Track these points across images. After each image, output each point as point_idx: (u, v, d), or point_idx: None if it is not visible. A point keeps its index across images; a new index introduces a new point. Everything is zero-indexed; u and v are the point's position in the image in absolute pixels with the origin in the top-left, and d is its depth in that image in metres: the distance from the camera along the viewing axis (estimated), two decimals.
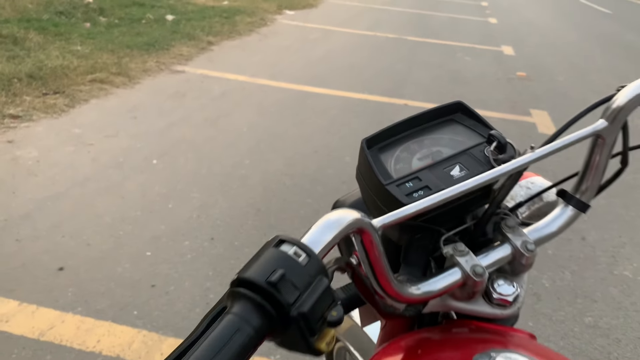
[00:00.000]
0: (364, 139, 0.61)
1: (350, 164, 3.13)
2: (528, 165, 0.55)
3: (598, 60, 7.16)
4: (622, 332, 1.98)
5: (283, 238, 0.39)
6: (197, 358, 0.34)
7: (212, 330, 0.36)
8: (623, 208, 2.91)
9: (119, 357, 1.67)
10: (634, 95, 0.58)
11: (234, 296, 0.37)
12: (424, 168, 0.58)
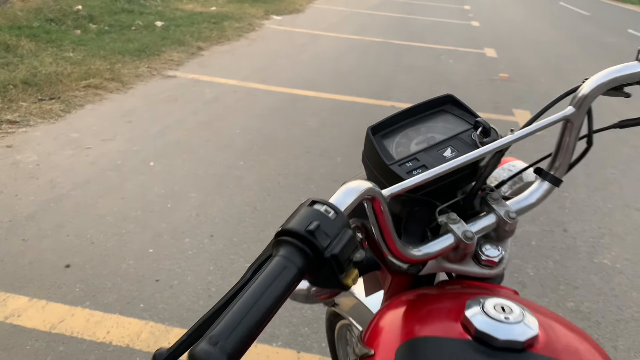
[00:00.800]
0: (369, 127, 0.71)
1: (341, 164, 3.25)
2: (509, 144, 0.66)
3: (578, 61, 7.37)
4: (602, 315, 2.11)
5: (315, 199, 0.50)
6: (254, 290, 0.43)
7: (262, 271, 0.46)
8: (602, 201, 3.06)
9: (129, 346, 1.76)
10: (596, 86, 0.70)
11: (280, 243, 0.47)
12: (420, 151, 0.69)
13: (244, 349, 0.40)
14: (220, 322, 0.41)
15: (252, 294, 0.42)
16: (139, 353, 1.73)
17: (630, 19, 14.52)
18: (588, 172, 3.44)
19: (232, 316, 0.41)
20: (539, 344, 0.54)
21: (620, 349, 1.93)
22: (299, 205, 0.51)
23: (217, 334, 0.39)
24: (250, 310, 0.41)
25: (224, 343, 0.39)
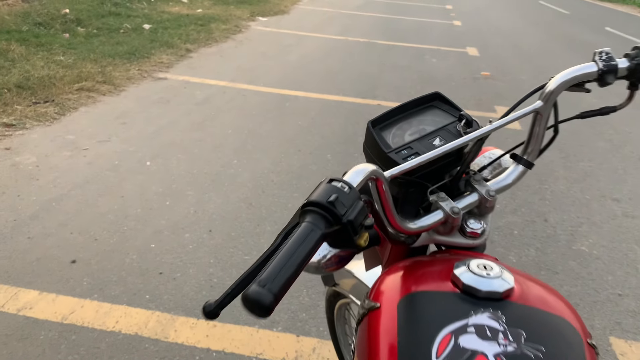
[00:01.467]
0: (369, 121, 0.83)
1: (332, 161, 3.37)
2: (488, 133, 0.79)
3: (558, 59, 7.57)
4: (580, 297, 2.26)
5: (333, 178, 0.62)
6: (289, 248, 0.55)
7: (293, 234, 0.57)
8: (580, 192, 3.22)
9: (137, 334, 1.86)
10: (560, 82, 0.82)
11: (306, 212, 0.59)
12: (413, 140, 0.81)
13: (284, 291, 0.52)
14: (264, 272, 0.52)
15: (288, 250, 0.54)
16: (147, 340, 1.83)
17: (607, 16, 14.85)
18: (567, 165, 3.60)
19: (273, 267, 0.53)
20: (514, 294, 0.67)
21: (596, 327, 2.07)
22: (319, 183, 0.62)
23: (264, 279, 0.51)
24: (287, 263, 0.53)
25: (270, 285, 0.51)
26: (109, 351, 1.77)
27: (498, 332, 0.61)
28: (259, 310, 0.50)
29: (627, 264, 2.51)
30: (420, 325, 0.63)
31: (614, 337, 2.03)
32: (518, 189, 3.15)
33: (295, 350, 1.84)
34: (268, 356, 1.81)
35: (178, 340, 1.84)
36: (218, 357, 1.79)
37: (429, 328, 0.62)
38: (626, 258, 2.56)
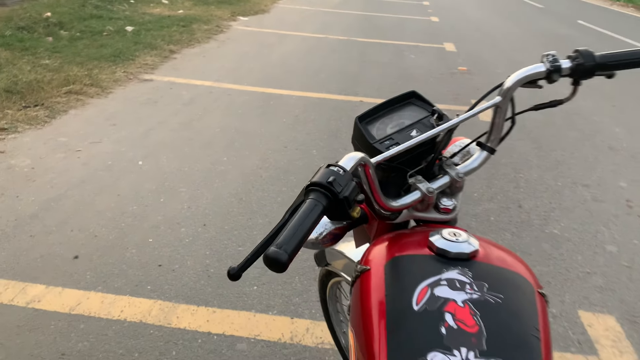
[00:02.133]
0: (356, 116, 0.98)
1: (317, 156, 3.51)
2: (456, 125, 0.94)
3: (532, 52, 7.79)
4: (552, 276, 2.44)
5: (330, 163, 0.76)
6: (298, 218, 0.69)
7: (300, 209, 0.71)
8: (552, 179, 3.41)
9: (142, 322, 1.99)
10: (515, 80, 0.97)
11: (310, 191, 0.73)
12: (394, 132, 0.96)
13: (295, 252, 0.66)
14: (280, 237, 0.66)
15: (297, 221, 0.68)
16: (151, 327, 1.96)
17: (580, 9, 15.20)
18: (540, 154, 3.80)
19: (287, 233, 0.67)
20: (479, 255, 0.82)
21: (566, 302, 2.25)
22: (319, 168, 0.76)
23: (281, 243, 0.65)
24: (297, 230, 0.67)
25: (286, 247, 0.65)
26: (117, 337, 1.90)
27: (465, 284, 0.76)
28: (278, 266, 0.64)
29: (595, 245, 2.70)
30: (402, 281, 0.78)
31: (582, 310, 2.21)
32: (494, 178, 3.33)
33: (290, 331, 1.98)
34: (265, 337, 1.95)
35: (180, 325, 1.98)
36: (219, 339, 1.92)
37: (409, 283, 0.77)
38: (594, 239, 2.75)
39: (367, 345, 0.73)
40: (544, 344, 0.73)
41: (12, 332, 1.88)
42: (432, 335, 0.69)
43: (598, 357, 1.95)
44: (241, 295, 2.15)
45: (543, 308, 0.78)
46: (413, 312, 0.72)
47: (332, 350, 1.89)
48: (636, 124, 4.71)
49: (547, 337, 0.75)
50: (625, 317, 2.18)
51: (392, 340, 0.70)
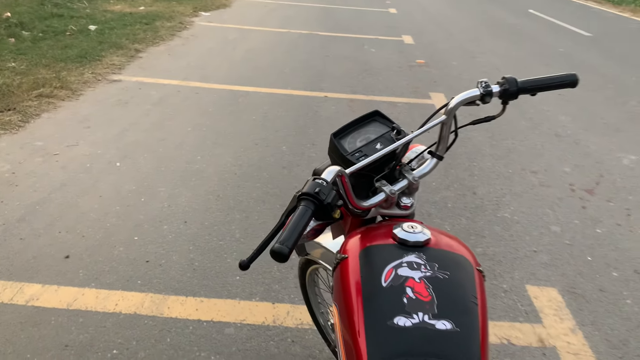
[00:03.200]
0: (332, 133, 1.19)
1: (287, 152, 3.72)
2: (411, 139, 1.17)
3: (485, 43, 8.16)
4: (503, 255, 2.73)
5: (315, 177, 0.98)
6: (294, 221, 0.90)
7: (294, 213, 0.93)
8: (504, 167, 3.71)
9: (136, 313, 2.17)
10: (457, 102, 1.21)
11: (302, 199, 0.94)
12: (363, 146, 1.18)
13: (294, 247, 0.87)
14: (282, 235, 0.88)
15: (293, 222, 0.90)
16: (145, 317, 2.15)
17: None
18: (493, 143, 4.11)
19: (287, 232, 0.88)
20: (431, 242, 1.05)
21: (515, 278, 2.54)
22: (307, 180, 0.98)
23: (282, 240, 0.87)
24: (293, 231, 0.89)
25: (287, 243, 0.86)
26: (114, 328, 2.08)
27: (421, 265, 0.99)
28: (281, 257, 0.85)
29: (541, 226, 3.01)
30: (373, 265, 1.01)
31: (529, 285, 2.50)
32: (451, 168, 3.61)
33: (272, 315, 2.21)
34: (250, 321, 2.16)
35: (172, 315, 2.17)
36: (208, 325, 2.13)
37: (379, 266, 1.00)
38: (541, 221, 3.06)
39: (348, 315, 0.96)
40: (481, 309, 0.97)
41: (16, 329, 2.04)
42: (396, 304, 0.92)
43: (542, 324, 2.25)
44: (225, 285, 2.36)
45: (481, 282, 1.02)
46: (382, 287, 0.95)
47: (311, 330, 2.12)
48: (579, 112, 5.09)
49: (484, 304, 0.99)
50: (566, 289, 2.49)
51: (367, 309, 0.93)
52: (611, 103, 5.46)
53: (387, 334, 0.88)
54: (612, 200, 3.36)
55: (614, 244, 2.87)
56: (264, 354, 2.00)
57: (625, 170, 3.82)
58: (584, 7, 14.37)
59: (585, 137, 4.40)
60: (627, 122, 4.88)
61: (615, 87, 6.07)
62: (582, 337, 2.19)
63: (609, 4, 14.64)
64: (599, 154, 4.08)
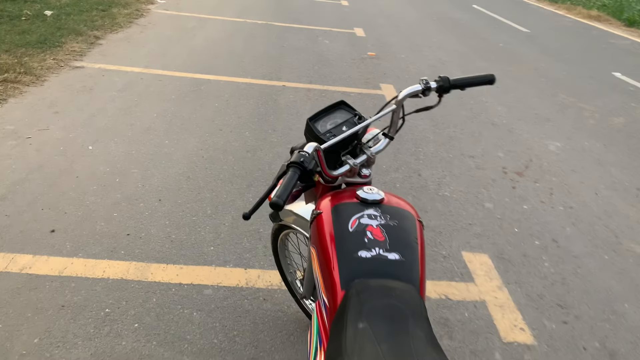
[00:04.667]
0: (307, 118, 1.52)
1: (250, 137, 4.01)
2: (369, 123, 1.51)
3: (432, 37, 8.64)
4: (443, 227, 3.13)
5: (299, 150, 1.30)
6: (286, 181, 1.22)
7: (285, 176, 1.25)
8: (445, 152, 4.14)
9: (123, 278, 2.43)
10: (404, 95, 1.56)
11: (290, 166, 1.26)
12: (332, 128, 1.52)
13: (286, 200, 1.20)
14: (277, 191, 1.20)
15: (285, 182, 1.22)
16: (132, 282, 2.42)
17: None
18: (436, 131, 4.53)
19: (281, 189, 1.20)
20: (384, 201, 1.40)
21: (453, 246, 2.95)
22: (294, 152, 1.30)
23: (279, 194, 1.19)
24: (286, 188, 1.22)
25: (281, 196, 1.19)
26: (104, 291, 2.34)
27: (377, 216, 1.34)
28: (278, 207, 1.17)
29: (476, 203, 3.44)
30: (342, 217, 1.35)
31: (465, 251, 2.92)
32: (399, 153, 4.01)
33: (245, 278, 2.52)
34: (226, 284, 2.47)
35: (155, 279, 2.45)
36: (188, 288, 2.42)
37: (346, 217, 1.34)
38: (476, 199, 3.50)
39: (324, 253, 1.29)
40: (420, 247, 1.32)
41: (14, 293, 2.27)
42: (360, 243, 1.26)
43: (474, 283, 2.66)
44: (201, 254, 2.65)
45: (420, 229, 1.38)
46: (349, 232, 1.29)
47: (280, 290, 2.45)
48: (514, 102, 5.60)
49: (422, 244, 1.34)
50: (495, 255, 2.92)
51: (338, 247, 1.27)
52: (543, 95, 6.01)
53: (353, 263, 1.22)
54: (538, 181, 3.84)
55: (537, 218, 3.34)
56: (239, 310, 2.32)
57: (551, 155, 4.33)
58: (523, 3, 15.17)
59: (518, 126, 4.90)
60: (555, 112, 5.43)
61: (547, 81, 6.66)
62: (507, 293, 2.62)
63: (546, 2, 15.52)
64: (530, 141, 4.58)
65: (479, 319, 2.41)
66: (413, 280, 1.21)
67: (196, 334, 2.16)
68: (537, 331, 2.38)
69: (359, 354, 0.96)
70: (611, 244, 3.14)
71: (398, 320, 1.05)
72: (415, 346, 0.99)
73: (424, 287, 1.25)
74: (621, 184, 3.94)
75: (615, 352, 2.32)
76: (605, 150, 4.57)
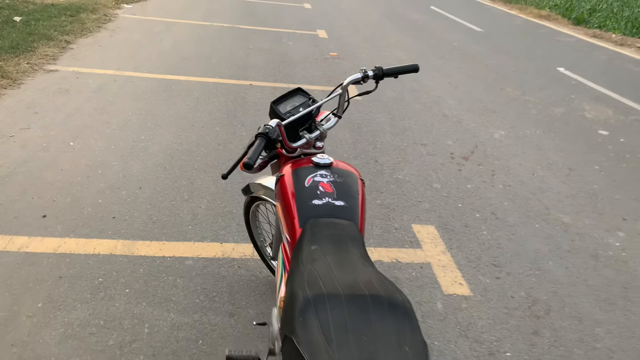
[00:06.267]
0: (271, 101, 1.88)
1: (220, 132, 4.34)
2: (321, 104, 1.88)
3: (390, 37, 9.09)
4: (396, 205, 3.53)
5: (265, 124, 1.66)
6: (254, 147, 1.58)
7: (255, 142, 1.60)
8: (400, 141, 4.55)
9: (112, 254, 2.74)
10: (348, 82, 1.94)
11: (259, 135, 1.62)
12: (292, 109, 1.88)
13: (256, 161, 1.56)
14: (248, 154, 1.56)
15: (255, 148, 1.58)
16: (120, 256, 2.73)
17: None
18: (392, 123, 4.94)
19: (250, 153, 1.56)
20: (333, 164, 1.77)
21: (404, 220, 3.35)
22: (260, 126, 1.66)
23: (249, 157, 1.55)
24: (255, 152, 1.58)
25: (252, 158, 1.54)
26: (96, 264, 2.65)
27: (327, 175, 1.71)
28: (249, 167, 1.53)
29: (426, 184, 3.86)
30: (300, 176, 1.71)
31: (414, 224, 3.32)
32: (359, 143, 4.40)
33: (221, 251, 2.86)
34: (204, 256, 2.80)
35: (141, 253, 2.77)
36: (171, 260, 2.75)
37: (303, 177, 1.70)
38: (426, 180, 3.91)
39: (286, 204, 1.65)
40: (361, 198, 1.69)
41: (15, 268, 2.56)
42: (313, 194, 1.63)
43: (422, 249, 3.06)
44: (181, 232, 2.98)
45: (362, 185, 1.75)
46: (305, 187, 1.66)
47: (252, 259, 2.80)
48: (464, 96, 6.07)
49: (363, 196, 1.71)
50: (441, 226, 3.33)
51: (297, 198, 1.63)
52: (491, 89, 6.51)
53: (308, 208, 1.59)
54: (482, 164, 4.29)
55: (479, 195, 3.77)
56: (217, 276, 2.66)
57: (495, 142, 4.79)
58: (479, 4, 15.84)
59: (467, 117, 5.36)
60: (501, 105, 5.92)
61: (497, 76, 7.17)
62: (449, 256, 3.03)
63: (500, 2, 16.24)
64: (476, 130, 5.03)
65: (424, 277, 2.81)
66: (354, 219, 1.59)
67: (180, 295, 2.50)
68: (474, 285, 2.79)
69: (311, 264, 1.33)
70: (542, 215, 3.59)
71: (340, 243, 1.43)
72: (352, 258, 1.36)
73: (363, 225, 1.63)
74: (555, 165, 4.43)
75: (538, 299, 2.75)
76: (544, 137, 5.06)
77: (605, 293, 2.86)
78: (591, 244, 3.31)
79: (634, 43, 10.67)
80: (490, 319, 2.56)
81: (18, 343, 2.13)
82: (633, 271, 3.08)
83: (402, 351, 1.04)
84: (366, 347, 1.04)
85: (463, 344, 2.38)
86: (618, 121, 5.82)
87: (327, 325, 1.08)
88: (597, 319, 2.66)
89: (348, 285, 1.20)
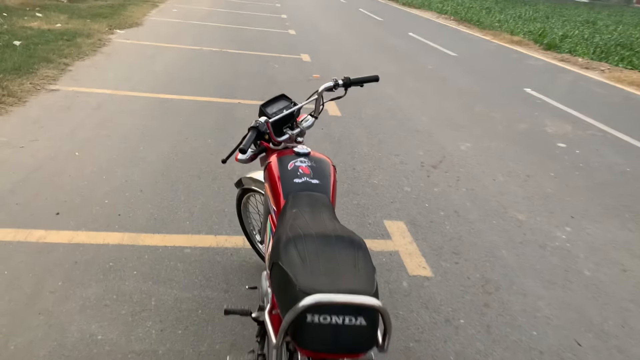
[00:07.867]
0: (260, 104, 2.33)
1: (212, 144, 4.77)
2: (301, 106, 2.32)
3: (370, 61, 9.66)
4: (371, 204, 3.96)
5: (257, 120, 2.09)
6: (248, 137, 2.01)
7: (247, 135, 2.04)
8: (376, 152, 5.02)
9: (119, 244, 3.13)
10: (322, 88, 2.40)
11: (251, 128, 2.05)
12: (277, 110, 2.33)
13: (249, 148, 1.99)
14: (243, 143, 2.00)
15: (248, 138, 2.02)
16: (127, 246, 3.12)
17: (412, 23, 17.85)
18: (369, 137, 5.41)
19: (245, 142, 2.00)
20: (311, 154, 2.21)
21: (377, 217, 3.78)
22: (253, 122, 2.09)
23: (243, 145, 1.98)
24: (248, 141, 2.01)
25: (245, 145, 1.98)
26: (107, 252, 3.04)
27: (306, 161, 2.14)
28: (244, 153, 1.96)
29: (398, 188, 4.31)
30: (284, 163, 2.14)
31: (386, 220, 3.75)
32: (339, 153, 4.85)
33: (216, 241, 3.26)
34: (201, 245, 3.20)
35: (145, 243, 3.16)
36: (172, 248, 3.14)
37: (286, 163, 2.13)
38: (398, 185, 4.36)
39: (273, 183, 2.08)
40: (332, 178, 2.12)
41: (35, 254, 2.94)
42: (295, 174, 2.05)
43: (392, 240, 3.49)
44: (180, 227, 3.38)
45: (334, 170, 2.18)
46: (288, 169, 2.09)
47: (244, 248, 3.20)
48: (437, 114, 6.58)
49: (334, 177, 2.14)
50: (409, 222, 3.77)
51: (282, 178, 2.06)
52: (462, 108, 7.04)
53: (291, 185, 2.02)
54: (448, 171, 4.76)
55: (444, 197, 4.23)
56: (212, 262, 3.06)
57: (462, 153, 5.28)
58: (455, 30, 16.62)
59: (438, 132, 5.85)
60: (470, 121, 6.44)
61: (468, 96, 7.72)
62: (416, 246, 3.46)
63: (475, 29, 17.04)
64: (445, 143, 5.52)
65: (392, 262, 3.24)
66: (326, 192, 2.02)
67: (181, 276, 2.89)
68: (435, 269, 3.23)
69: (293, 220, 1.75)
70: (499, 213, 4.06)
71: (315, 207, 1.86)
72: (323, 216, 1.79)
73: (334, 199, 2.07)
74: (515, 172, 4.92)
75: (490, 279, 3.19)
76: (507, 149, 5.57)
77: (549, 275, 3.31)
78: (540, 237, 3.78)
79: (599, 66, 11.38)
80: (448, 295, 2.99)
81: (44, 312, 2.51)
82: (575, 257, 3.54)
83: (356, 269, 1.47)
84: (331, 265, 1.46)
85: (424, 314, 2.80)
86: (576, 135, 6.36)
87: (303, 252, 1.50)
88: (539, 294, 3.10)
89: (319, 230, 1.62)
